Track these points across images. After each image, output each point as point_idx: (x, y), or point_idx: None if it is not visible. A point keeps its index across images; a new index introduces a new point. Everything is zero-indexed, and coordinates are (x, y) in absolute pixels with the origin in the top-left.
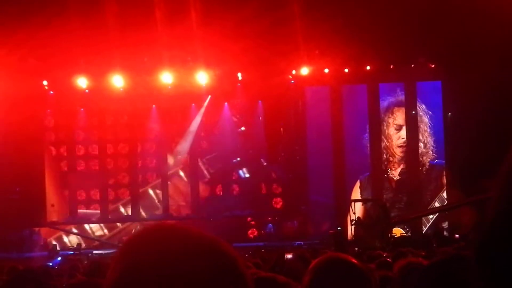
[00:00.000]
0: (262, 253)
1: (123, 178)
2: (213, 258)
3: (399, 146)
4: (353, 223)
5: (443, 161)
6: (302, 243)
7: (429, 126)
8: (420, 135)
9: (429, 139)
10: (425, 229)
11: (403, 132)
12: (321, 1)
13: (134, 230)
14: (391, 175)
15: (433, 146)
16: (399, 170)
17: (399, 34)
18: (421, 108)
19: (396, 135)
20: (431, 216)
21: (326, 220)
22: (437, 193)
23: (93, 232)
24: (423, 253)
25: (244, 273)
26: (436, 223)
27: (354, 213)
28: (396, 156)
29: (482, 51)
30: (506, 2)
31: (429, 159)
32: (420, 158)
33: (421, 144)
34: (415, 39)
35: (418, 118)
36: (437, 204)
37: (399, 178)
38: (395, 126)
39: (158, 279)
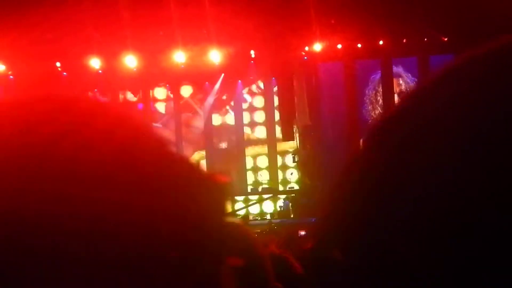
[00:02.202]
0: (277, 230)
1: None
2: (236, 242)
3: None
4: None
5: None
6: None
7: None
8: None
9: None
10: None
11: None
12: None
13: None
14: None
15: None
16: None
17: (411, 7)
18: (409, 76)
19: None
20: None
21: None
22: None
23: None
24: None
25: (262, 256)
26: None
27: None
28: None
29: (495, 23)
30: None
31: None
32: None
33: None
34: (427, 12)
35: (406, 84)
36: None
37: None
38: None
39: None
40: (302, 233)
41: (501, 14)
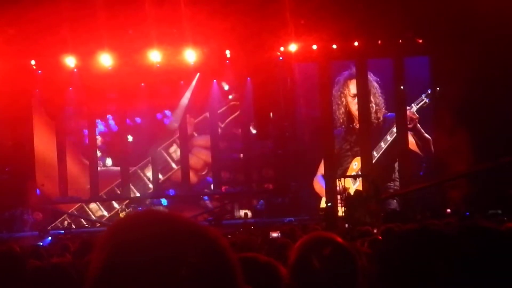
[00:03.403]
0: (252, 229)
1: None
2: (199, 245)
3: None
4: (343, 199)
5: (393, 114)
6: (293, 219)
7: (377, 88)
8: (371, 97)
9: (379, 99)
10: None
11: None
12: None
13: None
14: (356, 127)
15: (384, 105)
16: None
17: (387, 9)
18: (371, 75)
19: (353, 102)
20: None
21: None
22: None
23: (93, 213)
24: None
25: (232, 260)
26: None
27: (344, 189)
28: (357, 118)
29: (470, 25)
30: None
31: (382, 114)
32: (374, 115)
33: (373, 105)
34: (403, 14)
35: (370, 84)
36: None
37: None
38: (351, 95)
39: (144, 263)
40: (274, 234)
41: (475, 17)
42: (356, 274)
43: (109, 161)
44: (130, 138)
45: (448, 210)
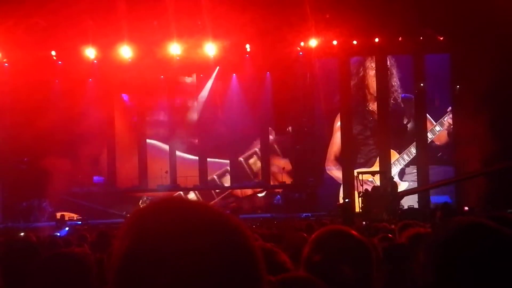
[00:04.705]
0: (270, 224)
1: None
2: (222, 233)
3: (377, 107)
4: (360, 195)
5: (411, 95)
6: (310, 214)
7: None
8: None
9: (395, 79)
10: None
11: None
12: None
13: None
14: (371, 109)
15: (399, 84)
16: (375, 104)
17: (408, 6)
18: (389, 59)
19: (373, 72)
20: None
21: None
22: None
23: None
24: (429, 225)
25: (254, 250)
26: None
27: (362, 185)
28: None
29: (491, 24)
30: None
31: (399, 94)
32: (392, 95)
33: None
34: (424, 11)
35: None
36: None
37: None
38: (372, 67)
39: (166, 252)
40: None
41: (496, 15)
42: (371, 268)
43: None
44: None
45: (466, 208)
